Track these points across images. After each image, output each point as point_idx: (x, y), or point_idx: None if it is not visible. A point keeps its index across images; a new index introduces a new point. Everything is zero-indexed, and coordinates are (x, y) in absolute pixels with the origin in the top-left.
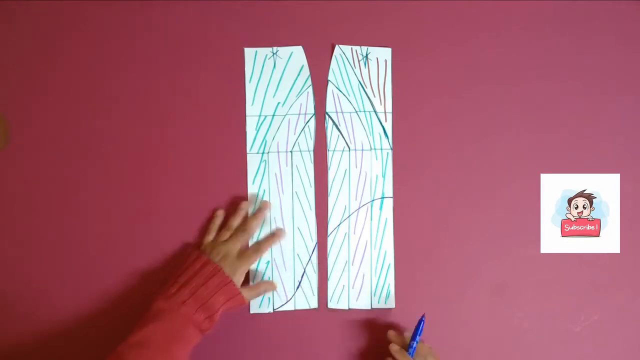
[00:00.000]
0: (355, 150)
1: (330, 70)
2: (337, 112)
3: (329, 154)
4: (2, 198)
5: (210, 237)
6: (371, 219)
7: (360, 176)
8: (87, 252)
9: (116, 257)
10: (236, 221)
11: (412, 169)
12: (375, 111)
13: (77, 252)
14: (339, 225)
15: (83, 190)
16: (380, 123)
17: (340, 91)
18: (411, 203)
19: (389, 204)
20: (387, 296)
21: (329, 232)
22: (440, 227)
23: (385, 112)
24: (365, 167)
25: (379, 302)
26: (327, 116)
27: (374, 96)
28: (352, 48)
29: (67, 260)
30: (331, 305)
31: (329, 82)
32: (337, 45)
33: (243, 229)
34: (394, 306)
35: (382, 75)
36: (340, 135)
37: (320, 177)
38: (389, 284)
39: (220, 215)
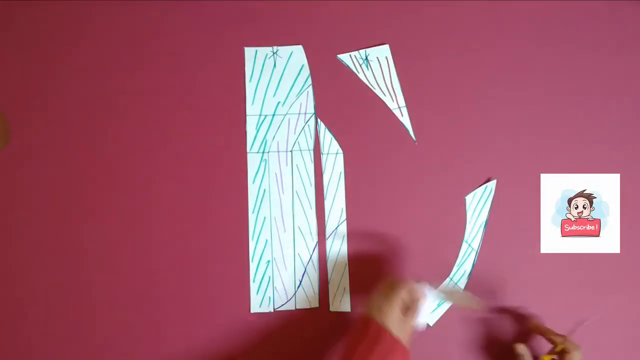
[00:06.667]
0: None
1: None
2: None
3: (323, 157)
4: (2, 198)
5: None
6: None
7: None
8: (87, 251)
9: (115, 257)
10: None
11: (412, 167)
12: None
13: (77, 252)
14: (336, 228)
15: (83, 189)
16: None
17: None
18: (410, 203)
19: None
20: None
21: (327, 235)
22: (441, 227)
23: (399, 108)
24: None
25: None
26: (318, 119)
27: (385, 95)
28: (350, 55)
29: (67, 259)
30: (333, 308)
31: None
32: (337, 56)
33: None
34: None
35: (386, 72)
36: (334, 139)
37: (321, 177)
38: None
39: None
